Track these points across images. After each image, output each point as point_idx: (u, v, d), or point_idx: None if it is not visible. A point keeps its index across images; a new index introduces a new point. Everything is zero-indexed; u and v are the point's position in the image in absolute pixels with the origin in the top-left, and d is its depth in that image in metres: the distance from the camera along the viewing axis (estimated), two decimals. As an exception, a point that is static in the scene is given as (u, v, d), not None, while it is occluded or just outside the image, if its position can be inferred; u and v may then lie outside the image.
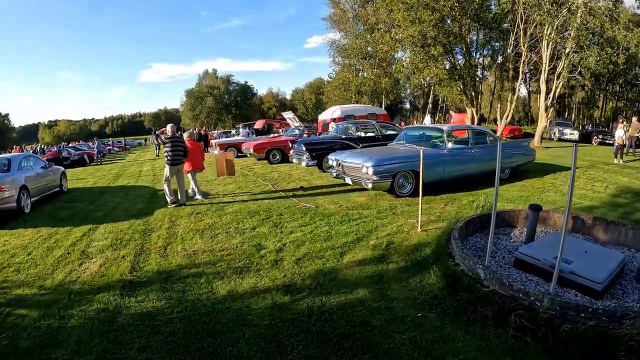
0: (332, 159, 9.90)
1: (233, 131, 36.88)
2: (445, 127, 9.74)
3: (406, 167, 8.58)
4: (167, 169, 8.97)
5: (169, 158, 8.89)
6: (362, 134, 14.14)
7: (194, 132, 12.18)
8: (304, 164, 12.96)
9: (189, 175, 9.67)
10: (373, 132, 14.31)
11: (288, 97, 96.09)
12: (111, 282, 5.07)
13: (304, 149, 12.93)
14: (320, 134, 20.15)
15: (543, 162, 14.42)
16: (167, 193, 9.07)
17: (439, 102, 55.25)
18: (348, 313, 4.04)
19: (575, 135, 26.83)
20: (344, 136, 13.93)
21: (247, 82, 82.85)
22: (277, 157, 16.87)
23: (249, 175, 13.44)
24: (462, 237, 5.50)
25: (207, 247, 6.21)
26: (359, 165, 8.52)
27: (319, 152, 12.89)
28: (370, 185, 8.16)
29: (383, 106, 37.95)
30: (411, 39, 20.81)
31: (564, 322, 3.42)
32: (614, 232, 5.87)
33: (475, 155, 9.87)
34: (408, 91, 63.87)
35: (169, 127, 9.46)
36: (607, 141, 24.77)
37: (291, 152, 14.49)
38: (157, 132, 10.17)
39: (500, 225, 6.42)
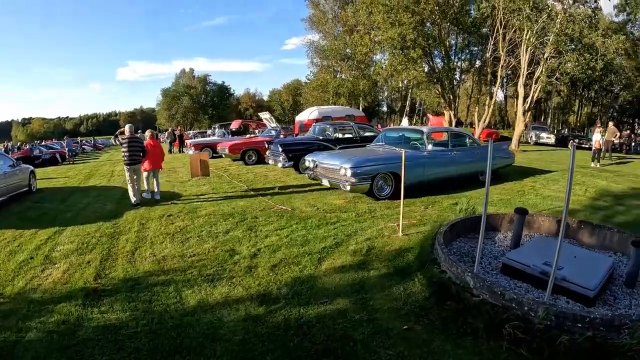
0: (308, 160, 9.58)
1: (209, 131, 36.23)
2: (425, 129, 9.52)
3: (385, 169, 8.32)
4: (125, 169, 9.01)
5: (126, 158, 8.91)
6: (340, 135, 13.88)
7: (156, 132, 11.69)
8: (280, 165, 12.61)
9: (146, 174, 9.63)
10: (351, 133, 14.07)
11: (265, 98, 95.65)
12: (74, 290, 4.68)
13: (280, 149, 12.60)
14: (297, 135, 19.88)
15: (521, 165, 14.47)
16: (131, 194, 9.04)
17: (416, 105, 55.66)
18: (328, 326, 3.72)
19: (551, 139, 27.26)
20: (321, 137, 13.62)
21: (224, 83, 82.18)
22: (253, 158, 16.48)
23: (223, 176, 13.01)
24: (446, 242, 5.26)
25: (178, 252, 5.84)
26: (337, 167, 8.22)
27: (295, 153, 12.56)
28: (348, 188, 7.86)
29: (360, 108, 37.89)
30: (391, 41, 20.71)
31: (561, 333, 3.24)
32: (599, 236, 5.81)
33: (455, 157, 9.73)
34: (385, 94, 64.25)
35: (127, 128, 9.31)
36: (583, 145, 25.23)
37: (267, 153, 14.12)
38: (117, 133, 10.09)
39: (484, 229, 6.21)
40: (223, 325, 3.80)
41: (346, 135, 13.95)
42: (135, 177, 9.07)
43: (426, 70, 22.78)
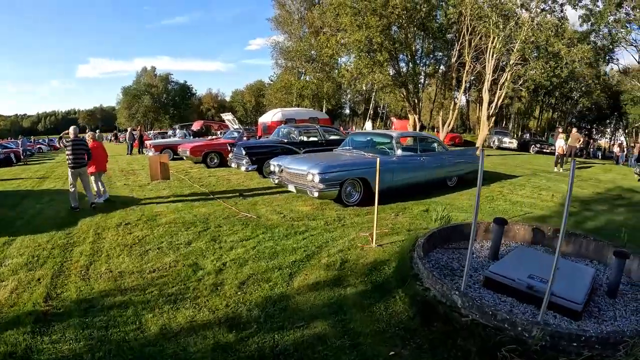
0: (274, 164, 9.04)
1: (169, 132, 34.94)
2: (394, 134, 9.21)
3: (354, 175, 7.92)
4: (69, 172, 8.62)
5: (70, 161, 8.54)
6: (305, 139, 13.40)
7: (97, 133, 10.94)
8: (243, 168, 12.02)
9: (92, 177, 9.27)
10: (316, 136, 13.62)
11: (228, 98, 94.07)
12: (23, 313, 4.09)
13: (243, 153, 12.03)
14: (260, 137, 19.34)
15: (486, 170, 14.44)
16: (71, 198, 8.66)
17: (379, 108, 55.93)
18: (308, 355, 3.29)
19: (514, 144, 27.78)
20: (285, 140, 13.12)
21: (186, 82, 79.94)
22: (215, 160, 15.83)
23: (185, 180, 12.27)
24: (425, 254, 4.95)
25: (136, 267, 5.29)
26: (304, 172, 7.74)
27: (259, 156, 12.04)
28: (316, 194, 7.39)
29: (324, 110, 37.61)
30: (357, 43, 20.46)
31: (558, 354, 3.11)
32: (575, 244, 5.76)
33: (424, 163, 9.47)
34: (348, 97, 64.25)
35: (71, 130, 8.84)
36: (544, 150, 25.82)
37: (230, 155, 13.49)
38: (61, 135, 9.54)
39: (458, 238, 5.99)
40: (189, 356, 3.32)
41: (311, 139, 13.49)
42: (79, 180, 8.70)
43: (392, 73, 22.66)
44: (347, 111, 70.52)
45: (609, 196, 11.78)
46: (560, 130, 19.39)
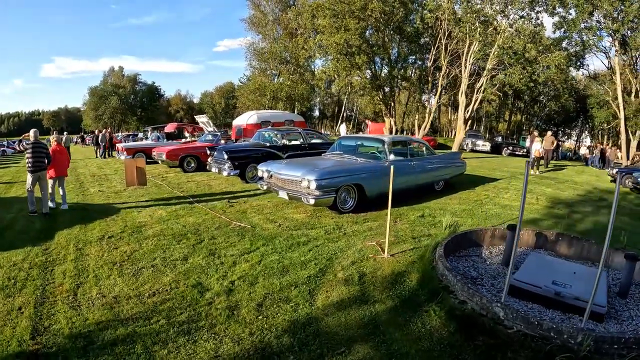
0: (262, 170, 8.67)
1: (140, 134, 33.74)
2: (386, 139, 9.02)
3: (350, 181, 7.67)
4: (28, 176, 8.38)
5: (29, 165, 8.32)
6: (287, 142, 13.07)
7: (64, 136, 10.48)
8: (225, 173, 11.56)
9: (52, 182, 8.94)
10: (299, 140, 13.31)
11: (196, 100, 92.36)
12: (8, 356, 3.44)
13: (225, 157, 11.54)
14: (236, 140, 18.88)
15: (466, 174, 14.49)
16: (29, 201, 8.41)
17: (348, 111, 56.06)
18: None
19: (487, 146, 28.21)
20: (268, 144, 12.75)
21: (154, 83, 77.55)
22: (192, 164, 15.25)
23: (162, 186, 11.70)
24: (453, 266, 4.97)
25: (132, 290, 4.68)
26: (298, 178, 7.40)
27: (242, 161, 11.65)
28: (312, 202, 7.07)
29: (296, 112, 37.17)
30: (336, 46, 20.28)
31: (601, 357, 3.22)
32: (577, 247, 5.93)
33: (415, 167, 9.34)
34: (318, 99, 64.15)
35: (31, 132, 8.68)
36: (517, 152, 26.32)
37: (209, 159, 12.97)
38: (21, 137, 9.14)
39: (467, 245, 5.89)
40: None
41: (294, 142, 13.17)
42: (37, 185, 8.41)
43: (369, 76, 22.63)
44: (317, 113, 70.50)
45: (590, 198, 11.99)
46: (535, 134, 19.75)
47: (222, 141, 17.30)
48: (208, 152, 13.70)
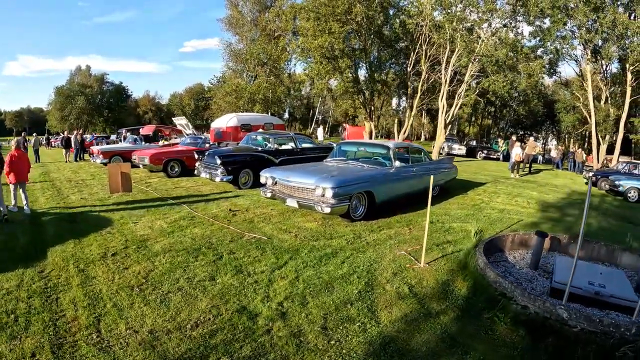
0: (267, 176, 8.42)
1: (113, 136, 32.46)
2: (391, 145, 9.02)
3: (362, 188, 7.57)
4: None
5: None
6: (279, 146, 12.80)
7: (34, 137, 10.07)
8: (217, 179, 11.13)
9: (12, 187, 8.66)
10: (290, 144, 13.12)
11: (164, 101, 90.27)
12: None
13: (218, 162, 11.10)
14: (219, 144, 18.47)
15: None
16: None
17: (320, 114, 56.16)
18: None
19: (463, 150, 28.80)
20: (259, 148, 12.49)
21: (122, 83, 75.15)
22: (176, 169, 14.54)
23: (150, 193, 11.12)
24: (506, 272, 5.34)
25: (167, 321, 4.04)
26: (311, 186, 7.22)
27: (235, 166, 11.27)
28: (327, 210, 6.89)
29: (269, 114, 36.85)
30: (320, 49, 20.23)
31: None
32: (588, 249, 6.30)
33: (416, 173, 9.36)
34: (287, 101, 63.97)
35: None
36: (492, 156, 26.97)
37: (198, 164, 12.55)
38: None
39: (493, 251, 6.04)
40: None
41: (285, 147, 12.96)
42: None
43: (350, 80, 22.75)
44: (286, 115, 70.29)
45: (574, 201, 12.41)
46: (514, 138, 20.36)
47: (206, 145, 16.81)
48: (196, 156, 13.31)
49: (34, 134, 25.10)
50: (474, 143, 32.29)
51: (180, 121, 23.69)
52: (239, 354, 3.55)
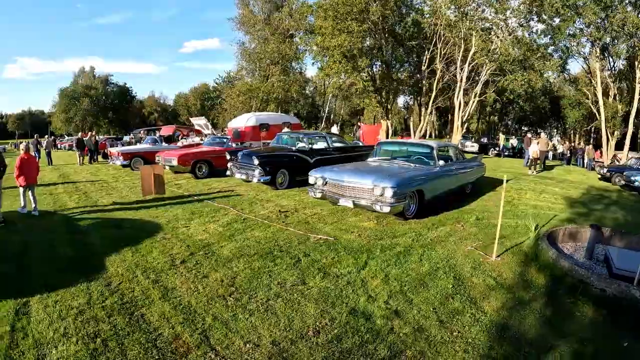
0: (316, 176, 8.67)
1: (126, 137, 32.53)
2: (434, 144, 9.41)
3: (415, 187, 7.97)
4: None
5: None
6: (312, 146, 12.94)
7: (46, 139, 10.31)
8: (255, 180, 11.27)
9: (22, 190, 8.89)
10: (323, 144, 13.38)
11: (170, 102, 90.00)
12: None
13: (256, 162, 11.27)
14: (241, 143, 18.65)
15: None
16: None
17: (323, 112, 56.27)
18: None
19: (475, 147, 29.19)
20: (294, 148, 12.69)
21: (126, 84, 74.80)
22: (204, 170, 14.66)
23: (184, 194, 11.12)
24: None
25: (284, 330, 3.99)
26: (369, 186, 7.53)
27: (273, 167, 11.45)
28: (387, 209, 7.22)
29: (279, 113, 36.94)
30: (339, 48, 20.59)
31: None
32: (627, 240, 6.82)
33: (456, 171, 9.77)
34: (301, 100, 64.26)
35: None
36: (505, 153, 27.47)
37: (230, 164, 12.69)
38: None
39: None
40: None
41: (318, 146, 13.13)
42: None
43: (369, 79, 23.15)
44: (292, 114, 70.65)
45: (594, 196, 12.87)
46: (529, 135, 20.76)
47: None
48: (228, 156, 13.45)
49: (46, 136, 25.24)
50: (485, 140, 32.67)
51: (199, 121, 23.84)
52: (377, 355, 3.66)
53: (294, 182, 12.02)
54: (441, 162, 9.14)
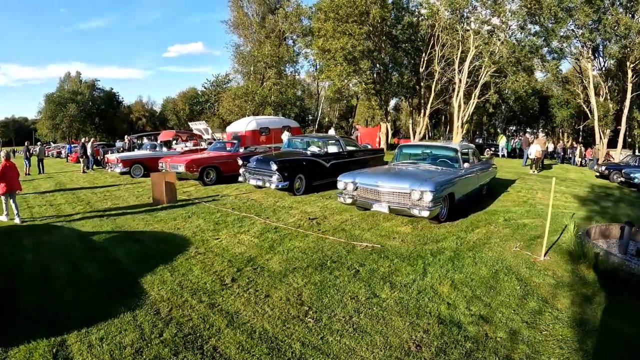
0: (346, 182, 8.65)
1: (118, 144, 31.82)
2: (458, 147, 9.55)
3: (449, 190, 8.10)
4: None
5: None
6: (328, 150, 12.83)
7: (39, 146, 10.24)
8: (273, 186, 11.01)
9: (4, 198, 8.90)
10: (338, 148, 13.32)
11: (157, 108, 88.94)
12: None
13: (274, 168, 11.00)
14: (246, 147, 18.55)
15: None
16: None
17: (311, 115, 56.35)
18: None
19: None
20: (309, 152, 12.56)
21: (112, 89, 73.51)
22: (212, 176, 14.34)
23: (194, 201, 10.76)
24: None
25: (384, 349, 3.80)
26: (406, 190, 7.59)
27: (291, 172, 11.22)
28: (426, 214, 7.29)
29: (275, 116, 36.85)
30: (341, 50, 20.72)
31: None
32: None
33: (477, 173, 9.95)
34: (298, 103, 64.16)
35: None
36: (498, 153, 27.92)
37: (242, 170, 12.41)
38: None
39: None
40: None
41: (333, 150, 13.02)
42: None
43: (370, 81, 23.35)
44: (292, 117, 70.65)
45: (599, 194, 13.26)
46: (527, 136, 21.25)
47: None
48: (240, 162, 13.26)
49: (39, 143, 24.68)
50: (480, 141, 33.09)
51: (198, 126, 23.58)
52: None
53: (310, 187, 11.94)
54: (466, 165, 9.30)
